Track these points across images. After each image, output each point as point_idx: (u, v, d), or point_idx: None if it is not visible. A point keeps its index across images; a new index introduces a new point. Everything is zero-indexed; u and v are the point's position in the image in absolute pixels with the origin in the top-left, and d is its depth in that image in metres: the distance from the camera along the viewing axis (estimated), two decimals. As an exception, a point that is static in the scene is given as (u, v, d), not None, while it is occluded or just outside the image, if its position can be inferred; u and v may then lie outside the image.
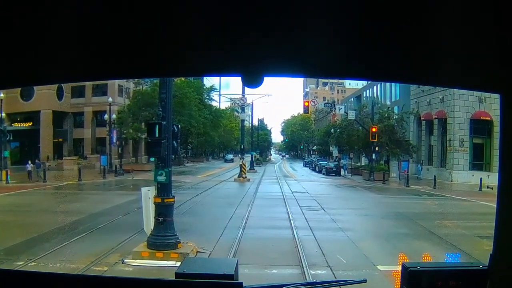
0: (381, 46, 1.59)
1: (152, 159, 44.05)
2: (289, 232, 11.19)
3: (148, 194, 8.38)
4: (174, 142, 8.24)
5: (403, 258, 2.57)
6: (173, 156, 43.78)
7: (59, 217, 13.40)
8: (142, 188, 8.59)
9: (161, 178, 8.09)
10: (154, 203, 8.22)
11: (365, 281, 2.28)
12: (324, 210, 15.53)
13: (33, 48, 1.64)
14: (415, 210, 16.86)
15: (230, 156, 64.18)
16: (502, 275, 1.76)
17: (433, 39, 1.55)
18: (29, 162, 29.05)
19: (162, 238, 8.19)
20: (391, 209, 16.55)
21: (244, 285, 1.95)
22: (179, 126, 8.66)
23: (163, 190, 8.23)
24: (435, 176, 29.72)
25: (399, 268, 2.08)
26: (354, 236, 10.92)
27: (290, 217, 13.53)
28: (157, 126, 7.81)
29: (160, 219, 8.02)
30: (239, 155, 33.68)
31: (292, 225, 12.13)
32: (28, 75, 1.87)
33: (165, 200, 8.18)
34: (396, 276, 2.22)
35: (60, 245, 9.36)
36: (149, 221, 8.37)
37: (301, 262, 8.28)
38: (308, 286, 2.50)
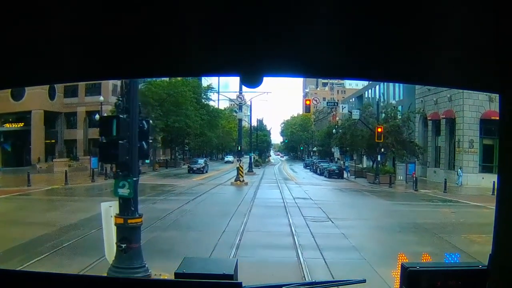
0: (381, 46, 1.59)
1: (147, 161, 43.30)
2: (293, 254, 9.19)
3: (110, 211, 6.41)
4: (144, 142, 6.23)
5: (403, 258, 2.53)
6: (170, 157, 42.35)
7: (25, 231, 11.61)
8: (102, 204, 6.61)
9: (123, 192, 6.06)
10: (115, 224, 6.21)
11: (364, 281, 2.23)
12: (332, 222, 13.52)
13: (33, 48, 1.63)
14: (433, 220, 14.96)
15: (230, 157, 59.53)
16: (502, 275, 1.75)
17: (433, 39, 1.55)
18: None
19: (126, 271, 6.06)
20: (407, 220, 14.62)
21: (243, 285, 1.95)
22: (150, 122, 6.53)
23: (127, 207, 6.15)
24: (445, 179, 28.07)
25: (399, 268, 2.05)
26: (373, 259, 8.87)
27: (293, 231, 11.48)
28: (114, 122, 5.78)
29: (123, 245, 5.94)
30: (236, 157, 31.82)
31: (296, 243, 10.11)
32: (28, 75, 1.87)
33: (129, 221, 6.11)
34: (396, 276, 2.20)
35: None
36: (111, 247, 6.38)
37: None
38: (308, 286, 2.46)
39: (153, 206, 16.33)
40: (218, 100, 60.55)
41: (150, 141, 6.63)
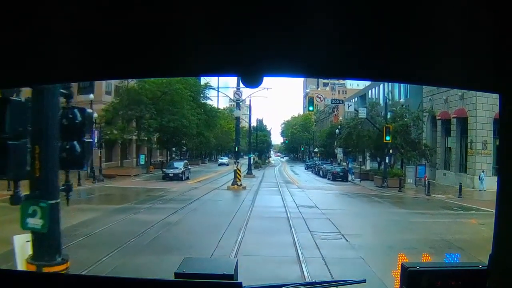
0: (381, 46, 1.58)
1: (142, 161, 41.07)
2: (303, 295, 6.89)
3: (27, 248, 4.13)
4: (76, 143, 3.86)
5: (403, 258, 2.65)
6: (166, 159, 39.87)
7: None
8: (15, 237, 4.31)
9: (34, 223, 3.60)
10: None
11: (364, 281, 2.21)
12: (346, 240, 11.18)
13: (33, 48, 1.62)
14: (463, 235, 12.68)
15: (225, 159, 57.59)
16: (502, 275, 1.75)
17: (433, 39, 1.55)
18: None
19: None
20: (433, 236, 12.33)
21: (243, 285, 1.93)
22: (88, 111, 4.03)
23: (41, 247, 3.73)
24: (460, 184, 25.91)
25: (399, 268, 2.03)
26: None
27: (300, 256, 9.02)
28: (8, 110, 3.21)
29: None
30: (234, 158, 29.47)
31: (306, 275, 7.72)
32: (28, 75, 1.86)
33: (46, 271, 3.76)
34: (396, 276, 2.29)
35: None
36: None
37: None
38: (308, 286, 2.47)
39: (135, 217, 14.05)
40: (218, 99, 58.41)
41: (89, 140, 4.29)
